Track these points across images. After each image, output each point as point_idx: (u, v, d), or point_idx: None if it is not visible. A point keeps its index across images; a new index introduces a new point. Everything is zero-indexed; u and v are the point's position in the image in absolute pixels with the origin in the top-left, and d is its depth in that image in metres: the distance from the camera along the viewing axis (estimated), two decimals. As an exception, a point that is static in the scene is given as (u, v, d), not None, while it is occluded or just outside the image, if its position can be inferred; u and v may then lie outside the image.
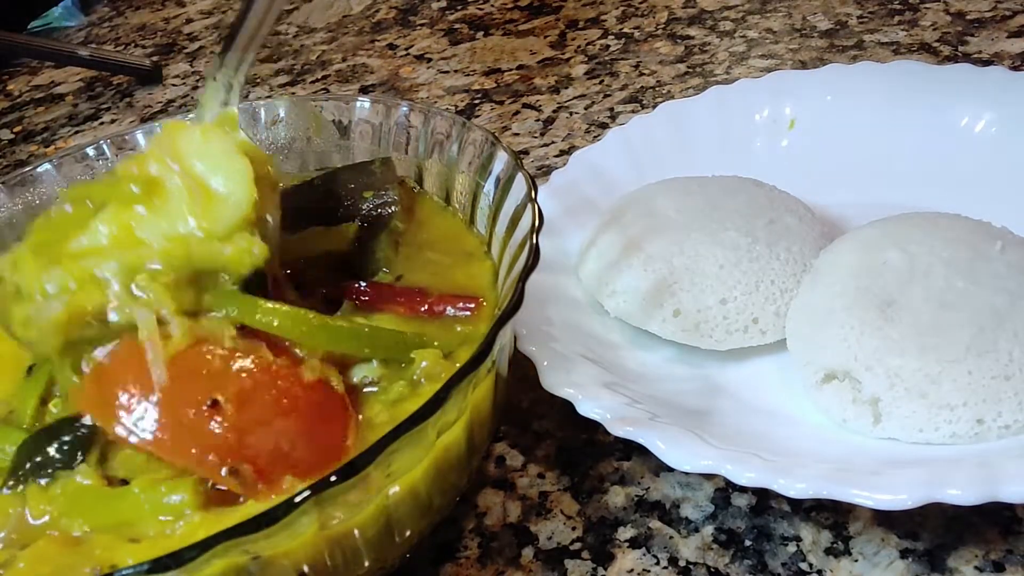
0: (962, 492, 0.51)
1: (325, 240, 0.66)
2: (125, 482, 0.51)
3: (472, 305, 0.60)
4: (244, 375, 0.51)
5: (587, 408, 0.61)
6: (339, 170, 0.76)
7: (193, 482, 0.49)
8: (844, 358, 0.62)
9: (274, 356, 0.52)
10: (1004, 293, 0.61)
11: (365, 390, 0.55)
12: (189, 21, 1.70)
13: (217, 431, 0.49)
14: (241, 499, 0.49)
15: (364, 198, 0.70)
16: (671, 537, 0.60)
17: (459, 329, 0.59)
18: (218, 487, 0.49)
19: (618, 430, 0.59)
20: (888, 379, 0.60)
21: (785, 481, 0.54)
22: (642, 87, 1.13)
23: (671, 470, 0.58)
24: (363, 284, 0.62)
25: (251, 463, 0.48)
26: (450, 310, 0.60)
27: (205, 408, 0.49)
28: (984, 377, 0.58)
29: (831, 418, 0.62)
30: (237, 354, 0.51)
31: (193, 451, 0.49)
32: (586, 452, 0.65)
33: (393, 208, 0.69)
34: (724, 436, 0.60)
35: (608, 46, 1.25)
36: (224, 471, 0.48)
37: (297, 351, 0.53)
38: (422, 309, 0.60)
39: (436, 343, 0.56)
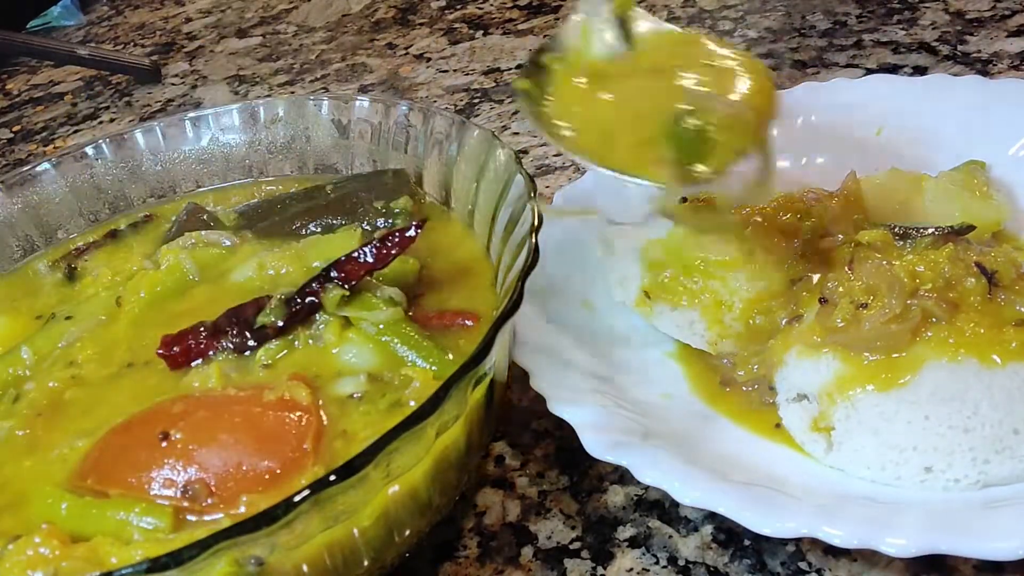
0: (843, 534, 0.51)
1: (330, 247, 0.66)
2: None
3: (471, 322, 0.60)
4: (197, 408, 0.55)
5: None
6: (351, 178, 0.76)
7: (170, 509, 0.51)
8: (812, 380, 0.60)
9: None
10: (1002, 343, 0.57)
11: (353, 399, 0.56)
12: (188, 20, 1.70)
13: (168, 461, 0.52)
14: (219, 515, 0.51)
15: (374, 207, 0.70)
16: (670, 536, 0.60)
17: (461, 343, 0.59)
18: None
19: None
20: (845, 410, 0.58)
21: (680, 485, 0.54)
22: (641, 86, 1.12)
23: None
24: None
25: (203, 484, 0.51)
26: (450, 324, 0.61)
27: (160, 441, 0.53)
28: (940, 425, 0.56)
29: (793, 437, 0.62)
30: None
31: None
32: (585, 451, 0.65)
33: (400, 219, 0.70)
34: (667, 433, 0.60)
35: (607, 45, 1.25)
36: (178, 492, 0.51)
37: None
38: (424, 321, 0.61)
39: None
